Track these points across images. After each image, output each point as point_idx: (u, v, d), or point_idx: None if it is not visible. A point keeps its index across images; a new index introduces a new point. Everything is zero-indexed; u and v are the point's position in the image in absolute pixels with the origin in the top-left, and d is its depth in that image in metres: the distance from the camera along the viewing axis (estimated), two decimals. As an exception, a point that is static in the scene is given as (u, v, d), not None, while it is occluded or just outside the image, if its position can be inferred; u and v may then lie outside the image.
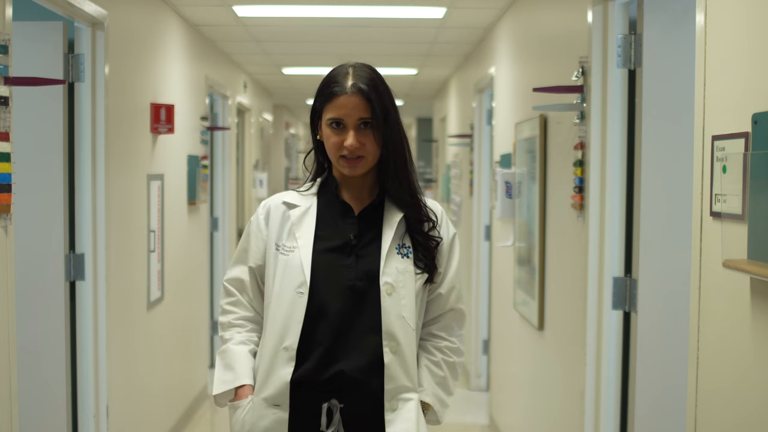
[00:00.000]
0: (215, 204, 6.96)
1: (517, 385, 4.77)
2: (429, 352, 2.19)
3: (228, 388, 2.13)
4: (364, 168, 2.10)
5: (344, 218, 2.15)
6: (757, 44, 1.86)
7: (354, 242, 2.11)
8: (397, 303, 2.07)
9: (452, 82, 8.29)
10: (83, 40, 3.68)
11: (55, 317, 3.64)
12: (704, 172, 2.07)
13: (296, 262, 2.09)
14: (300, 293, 2.07)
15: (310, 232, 2.12)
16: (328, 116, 2.08)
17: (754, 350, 1.86)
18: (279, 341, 2.07)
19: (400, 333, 2.06)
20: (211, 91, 6.53)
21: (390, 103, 2.10)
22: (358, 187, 2.17)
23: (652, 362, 2.95)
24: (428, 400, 2.14)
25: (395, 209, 2.14)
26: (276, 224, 2.16)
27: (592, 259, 3.18)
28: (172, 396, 5.29)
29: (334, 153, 2.09)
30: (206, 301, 6.47)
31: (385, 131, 2.07)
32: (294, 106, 12.21)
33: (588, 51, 3.21)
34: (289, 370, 2.05)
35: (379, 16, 5.59)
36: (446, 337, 2.21)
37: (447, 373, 2.19)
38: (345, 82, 2.07)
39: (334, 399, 2.05)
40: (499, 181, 4.83)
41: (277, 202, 2.20)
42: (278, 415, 2.06)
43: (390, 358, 2.05)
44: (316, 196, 2.19)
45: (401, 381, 2.07)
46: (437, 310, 2.20)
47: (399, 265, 2.10)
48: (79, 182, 3.71)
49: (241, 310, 2.22)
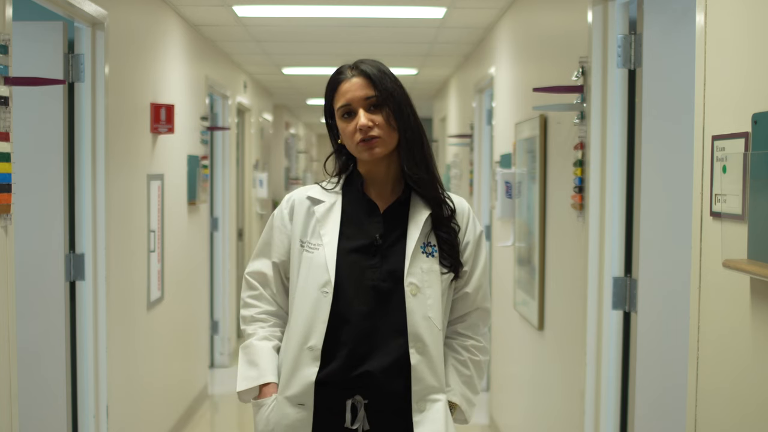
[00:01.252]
0: (215, 204, 6.96)
1: (517, 385, 4.77)
2: (456, 351, 2.18)
3: (252, 385, 2.12)
4: (382, 149, 2.08)
5: (369, 217, 2.13)
6: (757, 44, 1.86)
7: (379, 242, 2.10)
8: (422, 303, 2.06)
9: (452, 82, 8.29)
10: (83, 40, 3.68)
11: (55, 317, 3.64)
12: (704, 172, 2.07)
13: (321, 261, 2.08)
14: (324, 293, 2.06)
15: (335, 230, 2.11)
16: (338, 106, 2.10)
17: (754, 350, 1.86)
18: (303, 341, 2.06)
19: (426, 334, 2.05)
20: (211, 91, 6.53)
21: (395, 84, 2.10)
22: (383, 182, 2.15)
23: (652, 362, 2.94)
24: (456, 400, 2.13)
25: (421, 205, 2.12)
26: (300, 220, 2.15)
27: (592, 259, 3.18)
28: (172, 396, 5.29)
29: (352, 141, 2.09)
30: (206, 301, 6.47)
31: (394, 107, 2.07)
32: (294, 106, 12.21)
33: (588, 51, 3.21)
34: (314, 370, 2.04)
35: (379, 16, 5.59)
36: (472, 335, 2.20)
37: (473, 372, 2.18)
38: (347, 71, 2.12)
39: (358, 395, 2.04)
40: (499, 181, 4.83)
41: (302, 196, 2.19)
42: (302, 414, 2.05)
43: (417, 359, 2.04)
44: (340, 192, 2.17)
45: (428, 382, 2.06)
46: (463, 309, 2.19)
47: (424, 264, 2.08)
48: (79, 182, 3.71)
49: (264, 304, 2.20)
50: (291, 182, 12.28)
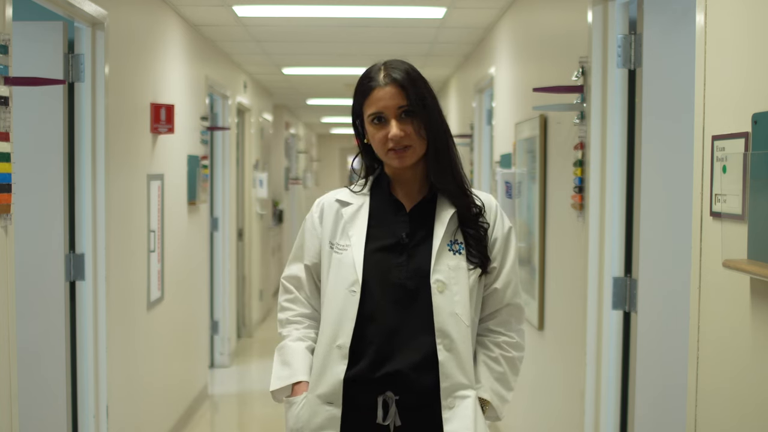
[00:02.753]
0: (215, 204, 6.96)
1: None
2: (487, 348, 2.18)
3: (284, 384, 2.15)
4: (413, 158, 2.10)
5: (396, 216, 2.15)
6: (757, 44, 1.86)
7: (406, 241, 2.11)
8: (449, 300, 2.06)
9: (452, 82, 8.29)
10: (83, 40, 3.68)
11: (55, 317, 3.64)
12: (704, 172, 2.07)
13: (349, 261, 2.10)
14: (353, 292, 2.08)
15: (362, 230, 2.13)
16: (369, 113, 2.10)
17: (754, 350, 1.86)
18: (332, 339, 2.08)
19: (453, 330, 2.05)
20: (211, 91, 6.53)
21: (426, 90, 2.10)
22: (409, 182, 2.17)
23: (652, 362, 2.94)
24: (486, 397, 2.14)
25: (447, 204, 2.13)
26: (330, 222, 2.18)
27: (592, 259, 3.18)
28: (172, 396, 5.29)
29: (381, 148, 2.10)
30: (206, 301, 6.47)
31: (423, 117, 2.08)
32: (294, 106, 12.20)
33: (588, 51, 3.21)
34: (342, 368, 2.06)
35: (379, 16, 5.59)
36: (504, 332, 2.20)
37: (506, 369, 2.19)
38: (378, 77, 2.10)
39: (389, 392, 2.05)
40: (499, 181, 4.83)
41: (331, 200, 2.22)
42: (331, 412, 2.07)
43: (444, 355, 2.05)
44: (368, 194, 2.19)
45: (457, 378, 2.06)
46: (494, 306, 2.19)
47: (450, 261, 2.09)
48: (79, 182, 3.71)
49: (298, 307, 2.23)
50: (291, 182, 12.28)
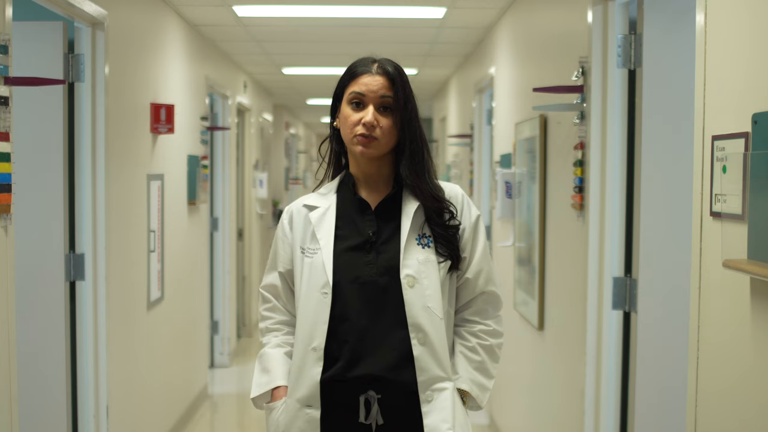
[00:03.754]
0: (215, 204, 6.96)
1: (517, 385, 4.77)
2: (463, 338, 2.19)
3: (264, 390, 2.18)
4: (377, 150, 2.11)
5: (362, 215, 2.16)
6: (757, 44, 1.86)
7: (373, 239, 2.13)
8: (420, 294, 2.07)
9: (452, 82, 8.29)
10: (83, 40, 3.68)
11: (55, 317, 3.64)
12: (704, 172, 2.07)
13: (319, 264, 2.12)
14: (324, 294, 2.09)
15: (330, 232, 2.15)
16: (351, 90, 2.11)
17: (754, 350, 1.86)
18: (308, 342, 2.10)
19: (426, 324, 2.07)
20: (211, 91, 6.53)
21: (410, 95, 2.13)
22: (374, 181, 2.18)
23: (652, 362, 2.94)
24: (465, 387, 2.14)
25: (412, 198, 2.15)
26: (299, 228, 2.20)
27: (592, 259, 3.18)
28: (172, 396, 5.29)
29: (350, 132, 2.11)
30: (206, 301, 6.47)
31: (404, 116, 2.10)
32: (294, 106, 12.20)
33: (588, 51, 3.21)
34: (318, 370, 2.07)
35: (379, 16, 5.59)
36: (480, 320, 2.21)
37: (484, 357, 2.19)
38: (370, 66, 2.13)
39: (371, 390, 2.06)
40: (499, 181, 4.83)
41: (299, 206, 2.23)
42: (311, 415, 2.08)
43: (419, 350, 2.06)
44: (335, 195, 2.21)
45: (433, 372, 2.07)
46: (468, 295, 2.20)
47: (420, 255, 2.10)
48: (79, 182, 3.71)
49: (277, 315, 2.26)
50: (291, 182, 12.28)
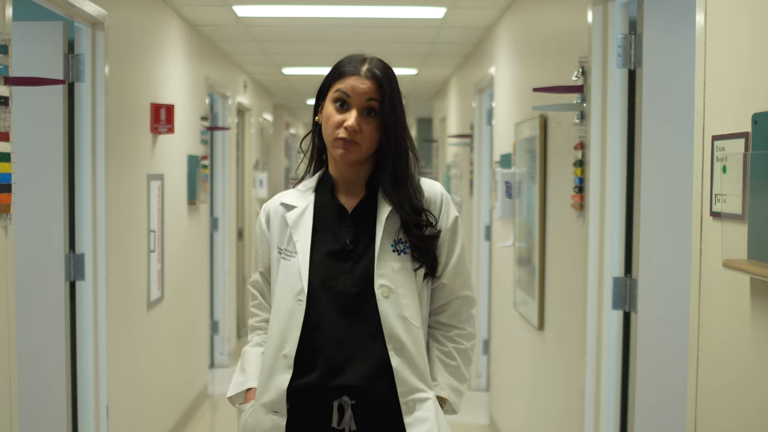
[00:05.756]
0: (215, 204, 6.96)
1: (517, 385, 4.77)
2: (439, 342, 2.15)
3: (238, 390, 2.16)
4: (357, 155, 2.05)
5: (340, 221, 2.11)
6: (757, 44, 1.86)
7: (351, 247, 2.07)
8: (396, 304, 2.03)
9: (452, 82, 8.29)
10: (83, 40, 3.68)
11: (55, 317, 3.63)
12: (704, 172, 2.07)
13: (295, 269, 2.07)
14: (299, 301, 2.05)
15: (307, 236, 2.09)
16: (336, 88, 2.06)
17: (754, 350, 1.86)
18: (278, 348, 2.06)
19: (403, 334, 2.02)
20: (211, 91, 6.53)
21: (398, 100, 2.08)
22: (352, 184, 2.13)
23: (652, 362, 2.94)
24: (444, 395, 2.10)
25: (385, 203, 2.08)
26: (276, 227, 2.15)
27: (592, 259, 3.18)
28: (172, 396, 5.29)
29: (331, 133, 2.05)
30: (206, 301, 6.47)
31: (389, 122, 2.04)
32: (294, 106, 12.20)
33: (588, 51, 3.21)
34: (286, 377, 2.04)
35: (379, 16, 5.59)
36: (456, 324, 2.16)
37: (459, 361, 2.15)
38: (360, 66, 2.07)
39: (345, 396, 2.02)
40: (499, 181, 4.83)
41: (276, 204, 2.18)
42: (275, 421, 2.05)
43: (397, 361, 2.02)
44: (313, 195, 2.15)
45: (412, 383, 2.03)
46: (443, 299, 2.15)
47: (395, 264, 2.05)
48: (79, 182, 3.71)
49: (263, 312, 2.23)
50: (291, 182, 12.29)
